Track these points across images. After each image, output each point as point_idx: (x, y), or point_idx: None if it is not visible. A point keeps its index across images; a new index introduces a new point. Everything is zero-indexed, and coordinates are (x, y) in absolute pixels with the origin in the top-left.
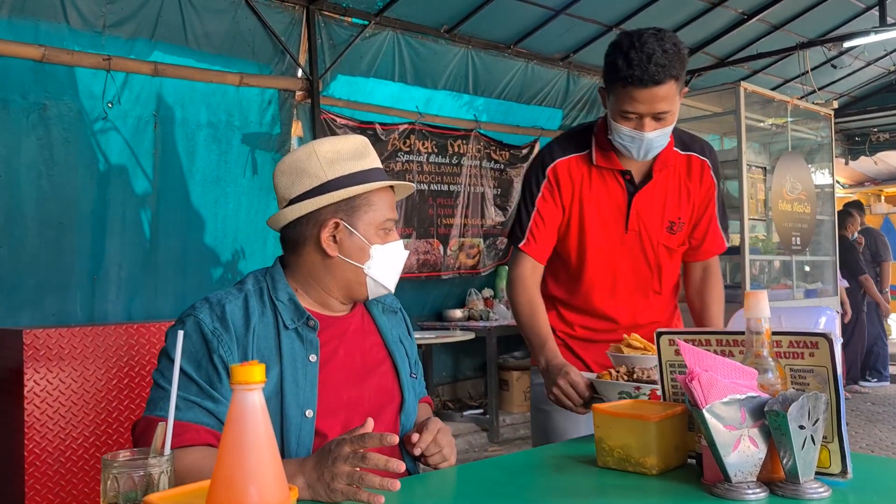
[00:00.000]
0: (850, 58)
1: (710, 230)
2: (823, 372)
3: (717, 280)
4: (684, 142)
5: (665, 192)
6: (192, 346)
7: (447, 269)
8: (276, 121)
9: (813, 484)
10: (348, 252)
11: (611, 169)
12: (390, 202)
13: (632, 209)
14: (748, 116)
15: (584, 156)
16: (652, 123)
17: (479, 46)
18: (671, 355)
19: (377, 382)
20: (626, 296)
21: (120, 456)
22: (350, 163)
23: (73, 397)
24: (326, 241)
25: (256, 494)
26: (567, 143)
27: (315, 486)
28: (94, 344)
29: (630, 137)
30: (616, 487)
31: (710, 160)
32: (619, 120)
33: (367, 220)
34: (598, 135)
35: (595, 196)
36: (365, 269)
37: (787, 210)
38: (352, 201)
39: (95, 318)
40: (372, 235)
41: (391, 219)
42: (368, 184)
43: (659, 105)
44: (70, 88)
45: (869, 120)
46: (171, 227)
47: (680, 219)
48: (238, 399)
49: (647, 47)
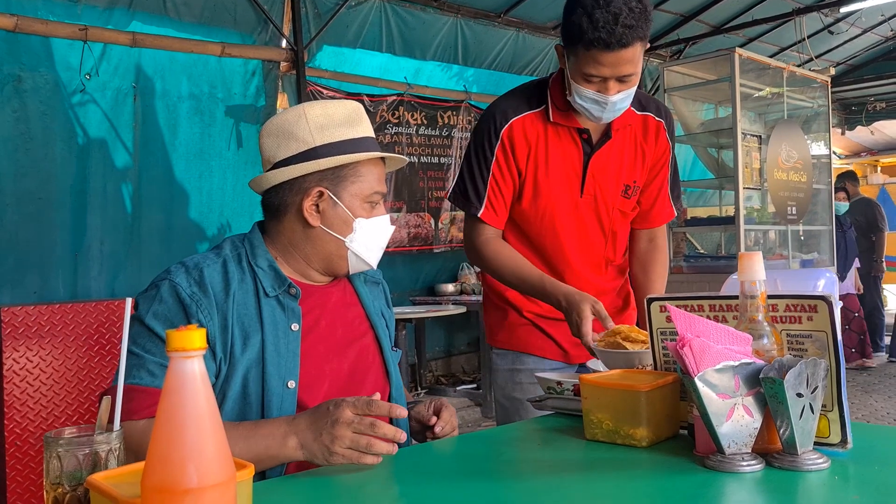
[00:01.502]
0: (846, 24)
1: (660, 196)
2: (823, 337)
3: (662, 253)
4: (640, 101)
5: (622, 154)
6: (167, 310)
7: (439, 242)
8: (260, 92)
9: (812, 455)
10: (330, 223)
11: (568, 127)
12: (380, 175)
13: (588, 171)
14: (743, 84)
15: (540, 112)
16: (616, 86)
17: (468, 15)
18: (662, 322)
19: (359, 354)
20: (582, 265)
21: (64, 433)
22: (341, 129)
23: (55, 375)
24: (309, 209)
25: (195, 474)
26: (519, 101)
27: (311, 447)
28: (74, 321)
29: (593, 101)
30: (604, 461)
31: (665, 121)
32: (580, 82)
33: (353, 192)
34: (554, 91)
35: (550, 157)
36: (347, 242)
37: (782, 179)
38: (339, 170)
39: (79, 295)
40: (357, 208)
41: (379, 192)
42: (358, 153)
43: (624, 68)
44: (46, 59)
45: (866, 89)
46: (154, 202)
47: (635, 182)
48: (175, 368)
49: (614, 5)
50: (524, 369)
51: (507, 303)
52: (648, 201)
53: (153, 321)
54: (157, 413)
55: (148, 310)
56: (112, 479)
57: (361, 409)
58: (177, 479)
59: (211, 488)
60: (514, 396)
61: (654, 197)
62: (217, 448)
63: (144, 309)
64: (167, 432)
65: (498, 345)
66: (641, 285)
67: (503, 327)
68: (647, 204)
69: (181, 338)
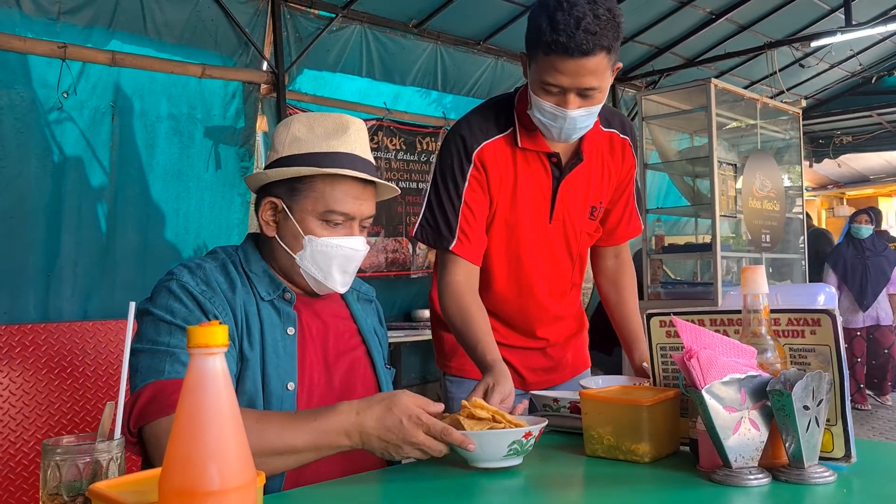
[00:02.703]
0: (815, 59)
1: (626, 212)
2: (826, 351)
3: (630, 268)
4: (605, 117)
5: (589, 175)
6: (182, 307)
7: (416, 268)
8: (240, 114)
9: (818, 468)
10: (283, 236)
11: (536, 151)
12: (352, 193)
13: (557, 197)
14: (718, 114)
15: (508, 137)
16: (576, 100)
17: (448, 42)
18: (661, 338)
19: (351, 367)
20: (547, 292)
21: (63, 441)
22: (315, 142)
23: (25, 398)
24: (265, 218)
25: (218, 475)
26: (486, 124)
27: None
28: (47, 342)
29: (551, 114)
30: (607, 476)
31: (630, 138)
32: (539, 93)
33: (305, 207)
34: (520, 111)
35: (519, 184)
36: (297, 259)
37: (757, 207)
38: (294, 183)
39: (50, 317)
40: (310, 224)
41: (339, 212)
42: (309, 168)
43: (585, 79)
44: (23, 77)
45: (833, 122)
46: (130, 223)
47: (601, 203)
48: (196, 365)
49: (577, 10)
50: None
51: None
52: (615, 219)
53: (169, 315)
54: (177, 412)
55: (165, 307)
56: (116, 488)
57: (436, 436)
58: (198, 481)
59: (234, 490)
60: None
61: (620, 214)
62: (240, 449)
63: (160, 308)
64: (188, 432)
65: (452, 371)
66: (615, 303)
67: (457, 353)
68: (613, 222)
69: (203, 334)
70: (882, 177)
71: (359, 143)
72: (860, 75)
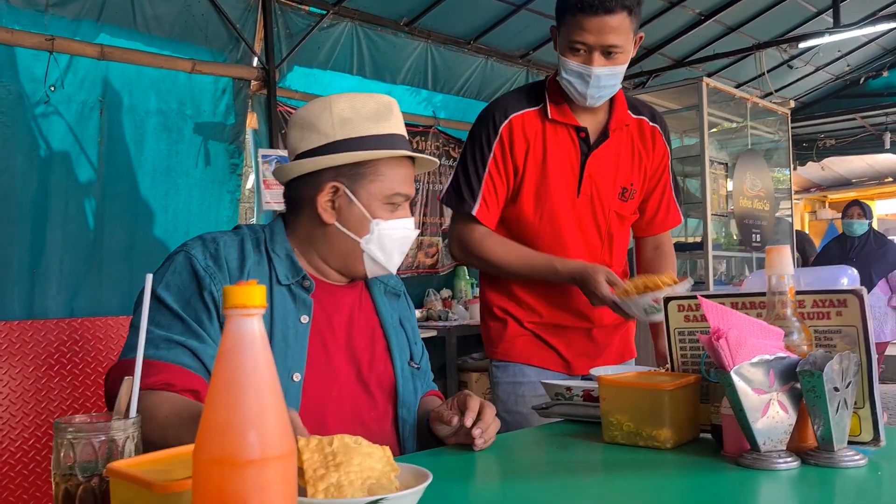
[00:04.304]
0: (802, 62)
1: (664, 201)
2: (853, 332)
3: (670, 259)
4: (634, 106)
5: (618, 156)
6: (181, 282)
7: (405, 268)
8: (230, 111)
9: (848, 451)
10: (346, 221)
11: (566, 124)
12: (406, 175)
13: (585, 171)
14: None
15: (539, 110)
16: (601, 59)
17: (438, 41)
18: (680, 322)
19: (368, 363)
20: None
21: (76, 419)
22: (366, 124)
23: (11, 396)
24: (324, 205)
25: (258, 443)
26: (518, 98)
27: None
28: (33, 339)
29: (577, 73)
30: (627, 462)
31: (660, 126)
32: (567, 54)
33: (371, 190)
34: (552, 88)
35: (548, 155)
36: (363, 243)
37: (747, 207)
38: (357, 167)
39: (35, 315)
40: (376, 208)
41: (402, 194)
42: (378, 150)
43: (608, 37)
44: (9, 69)
45: (817, 126)
46: (118, 219)
47: (632, 185)
48: (234, 326)
49: None
50: (526, 381)
51: (506, 313)
52: (653, 207)
53: (164, 291)
54: (212, 378)
55: (161, 280)
56: (137, 467)
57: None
58: (238, 450)
59: (275, 460)
60: (516, 410)
61: (657, 202)
62: (279, 416)
63: (157, 280)
64: (226, 398)
65: (498, 357)
66: None
67: (503, 339)
68: (651, 210)
69: (241, 293)
70: (864, 180)
71: (401, 123)
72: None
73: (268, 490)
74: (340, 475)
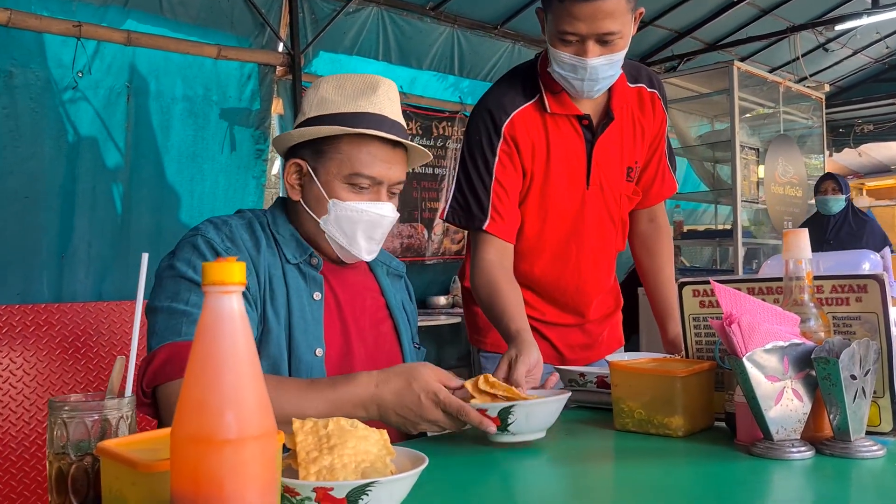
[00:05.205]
0: (837, 45)
1: (660, 169)
2: (873, 319)
3: (666, 233)
4: (630, 72)
5: (622, 134)
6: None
7: (431, 254)
8: (255, 96)
9: (865, 442)
10: (307, 200)
11: (566, 115)
12: (380, 156)
13: (592, 160)
14: (740, 98)
15: (535, 104)
16: (596, 48)
17: (465, 26)
18: (694, 307)
19: (377, 340)
20: (592, 264)
21: (71, 398)
22: (343, 102)
23: (38, 378)
24: (290, 182)
25: (235, 422)
26: (513, 93)
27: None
28: (60, 322)
29: (570, 66)
30: (638, 450)
31: (658, 91)
32: (557, 45)
33: (330, 169)
34: (544, 75)
35: (552, 152)
36: (321, 223)
37: (779, 193)
38: (320, 144)
39: (64, 298)
40: (335, 187)
41: (365, 175)
42: (334, 127)
43: (603, 23)
44: (38, 55)
45: (854, 111)
46: (144, 204)
47: (637, 162)
48: (212, 304)
49: None
50: None
51: None
52: (649, 177)
53: (192, 272)
54: (190, 356)
55: (187, 262)
56: (126, 446)
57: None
58: (214, 429)
59: (252, 440)
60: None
61: (654, 173)
62: (258, 396)
63: (182, 263)
64: (202, 376)
65: (488, 348)
66: (649, 270)
67: (492, 329)
68: (647, 181)
69: (219, 270)
70: None
71: (388, 103)
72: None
73: (245, 470)
74: (334, 458)
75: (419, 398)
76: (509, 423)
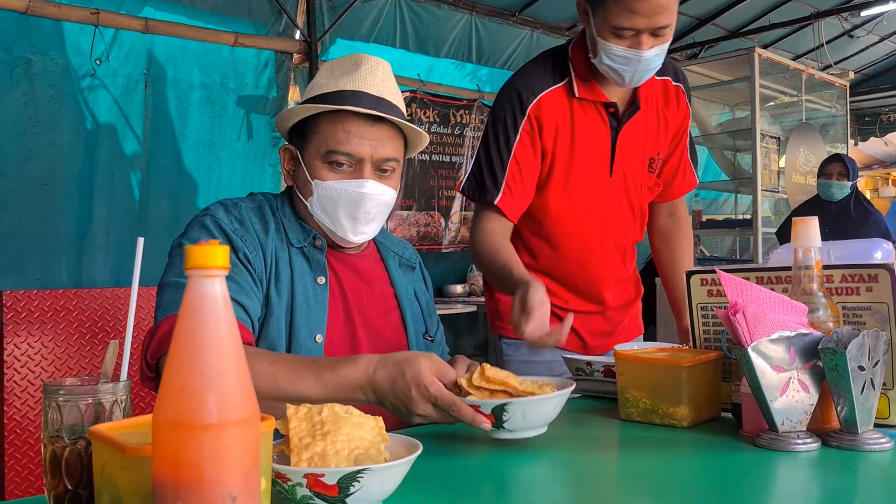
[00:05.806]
0: (863, 31)
1: (682, 164)
2: (883, 309)
3: (686, 226)
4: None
5: (646, 124)
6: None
7: (448, 242)
8: (272, 84)
9: (873, 434)
10: (297, 183)
11: (594, 101)
12: (356, 132)
13: (617, 148)
14: (761, 86)
15: (564, 87)
16: (650, 40)
17: (482, 13)
18: (702, 297)
19: (381, 330)
20: (611, 252)
21: (66, 382)
22: (327, 82)
23: (56, 363)
24: (285, 167)
25: (216, 407)
26: (543, 74)
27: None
28: (78, 307)
29: (623, 59)
30: (643, 440)
31: (683, 85)
32: (609, 38)
33: (310, 150)
34: (576, 61)
35: (577, 137)
36: (309, 206)
37: (800, 183)
38: (303, 127)
39: (82, 284)
40: (316, 168)
41: (341, 152)
42: (304, 106)
43: (661, 17)
44: (57, 43)
45: (881, 99)
46: (162, 191)
47: (659, 154)
48: (194, 288)
49: None
50: (542, 361)
51: None
52: (671, 172)
53: None
54: (172, 340)
55: (195, 241)
56: (118, 430)
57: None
58: (195, 413)
59: (234, 425)
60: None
61: (675, 167)
62: (241, 381)
63: (190, 242)
64: (184, 360)
65: (509, 334)
66: (667, 263)
67: None
68: (669, 175)
69: (201, 254)
70: None
71: (369, 79)
72: None
73: (226, 456)
74: (326, 444)
75: (410, 389)
76: (504, 421)
